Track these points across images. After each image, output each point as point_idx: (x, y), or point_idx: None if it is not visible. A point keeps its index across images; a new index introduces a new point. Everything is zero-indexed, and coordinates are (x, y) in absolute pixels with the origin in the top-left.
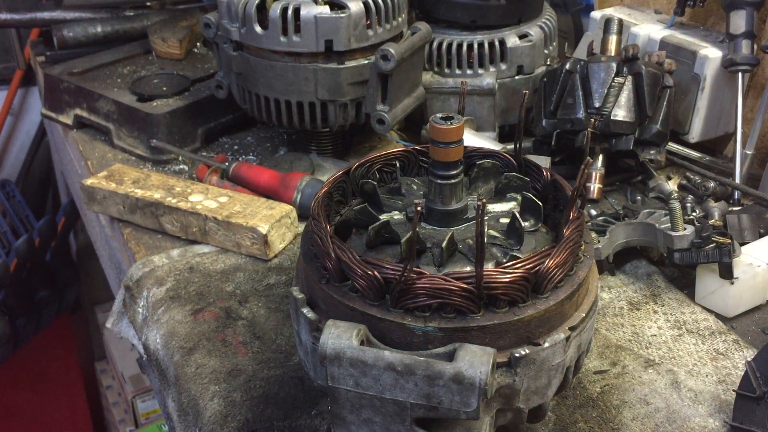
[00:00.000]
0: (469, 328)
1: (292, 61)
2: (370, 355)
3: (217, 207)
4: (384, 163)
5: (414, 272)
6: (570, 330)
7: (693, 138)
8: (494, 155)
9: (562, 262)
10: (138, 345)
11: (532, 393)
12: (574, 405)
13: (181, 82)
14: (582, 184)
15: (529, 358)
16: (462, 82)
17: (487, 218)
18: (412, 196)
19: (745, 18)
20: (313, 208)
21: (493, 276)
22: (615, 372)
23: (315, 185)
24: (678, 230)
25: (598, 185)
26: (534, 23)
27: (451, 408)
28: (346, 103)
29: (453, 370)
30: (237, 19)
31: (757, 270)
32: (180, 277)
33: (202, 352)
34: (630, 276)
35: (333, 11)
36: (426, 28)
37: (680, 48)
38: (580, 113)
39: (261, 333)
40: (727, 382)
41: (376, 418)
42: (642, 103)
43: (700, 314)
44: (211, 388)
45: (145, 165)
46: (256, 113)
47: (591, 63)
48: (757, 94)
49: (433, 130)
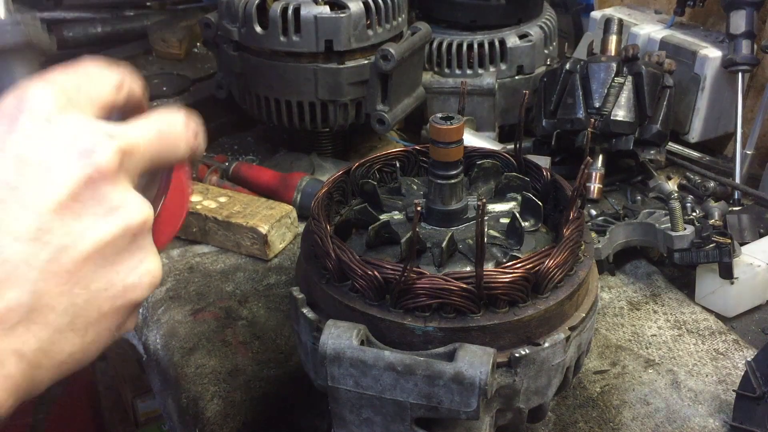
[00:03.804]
0: (469, 328)
1: (292, 61)
2: (370, 355)
3: (217, 207)
4: (384, 163)
5: (414, 272)
6: (570, 330)
7: (693, 138)
8: (494, 155)
9: (562, 262)
10: (138, 345)
11: (532, 393)
12: (574, 405)
13: (181, 82)
14: (582, 184)
15: (529, 358)
16: (462, 82)
17: (487, 218)
18: (412, 196)
19: (745, 18)
20: (313, 208)
21: (493, 276)
22: (615, 372)
23: (315, 185)
24: (678, 230)
25: (598, 185)
26: (534, 23)
27: (451, 408)
28: (346, 103)
29: (453, 370)
30: (237, 19)
31: (757, 270)
32: (180, 277)
33: (202, 352)
34: (630, 276)
35: (333, 11)
36: (426, 28)
37: (680, 48)
38: (580, 113)
39: (261, 333)
40: (727, 382)
41: (376, 418)
42: (642, 103)
43: (700, 314)
44: (211, 388)
45: None
46: (256, 113)
47: (591, 63)
48: (757, 94)
49: (433, 130)
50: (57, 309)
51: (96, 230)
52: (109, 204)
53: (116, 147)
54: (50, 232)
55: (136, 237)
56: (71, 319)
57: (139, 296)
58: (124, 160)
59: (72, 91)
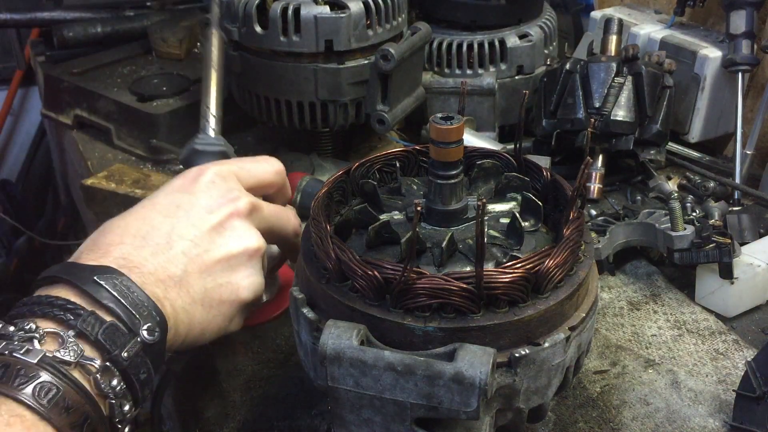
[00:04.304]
0: (469, 328)
1: (292, 61)
2: (370, 355)
3: None
4: (384, 163)
5: (414, 272)
6: (570, 330)
7: (693, 138)
8: (494, 155)
9: (562, 262)
10: None
11: (532, 393)
12: (574, 405)
13: (181, 82)
14: (582, 184)
15: (529, 358)
16: (462, 82)
17: (487, 218)
18: (412, 196)
19: (745, 18)
20: (313, 208)
21: (493, 276)
22: (615, 372)
23: (315, 185)
24: (678, 230)
25: (598, 185)
26: (534, 23)
27: (451, 408)
28: (346, 103)
29: (453, 370)
30: (237, 19)
31: (757, 270)
32: None
33: (201, 352)
34: (630, 276)
35: (333, 11)
36: (426, 28)
37: (680, 48)
38: (580, 113)
39: (261, 333)
40: (727, 382)
41: (376, 418)
42: (642, 103)
43: (700, 314)
44: (211, 388)
45: (145, 165)
46: (256, 113)
47: (591, 63)
48: (757, 94)
49: (433, 130)
50: (195, 287)
51: (228, 246)
52: (239, 233)
53: (250, 201)
54: (202, 240)
55: (251, 258)
56: (202, 296)
57: (245, 296)
58: (253, 210)
59: (236, 168)
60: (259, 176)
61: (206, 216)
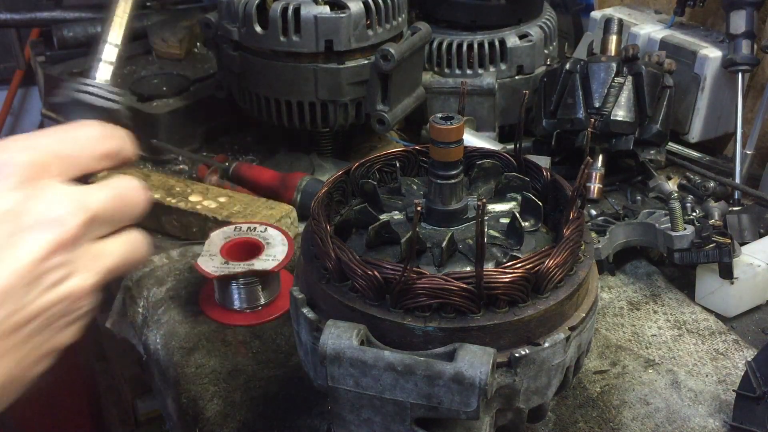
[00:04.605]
0: (469, 328)
1: (292, 61)
2: (370, 355)
3: (217, 207)
4: (384, 163)
5: (414, 272)
6: (570, 330)
7: (693, 138)
8: (494, 155)
9: (562, 262)
10: (138, 345)
11: (532, 393)
12: (574, 405)
13: (181, 82)
14: (582, 184)
15: (529, 358)
16: (462, 82)
17: (487, 218)
18: (412, 196)
19: (745, 18)
20: (313, 208)
21: (493, 276)
22: (615, 372)
23: (315, 185)
24: (678, 230)
25: (598, 185)
26: (534, 23)
27: (451, 408)
28: (346, 103)
29: (453, 370)
30: (237, 19)
31: (757, 270)
32: (180, 277)
33: (202, 352)
34: (630, 276)
35: (333, 11)
36: (426, 28)
37: (680, 48)
38: (580, 113)
39: (261, 333)
40: (727, 382)
41: (376, 418)
42: (642, 103)
43: (700, 314)
44: (211, 388)
45: (145, 165)
46: (256, 113)
47: (591, 63)
48: (757, 94)
49: (433, 130)
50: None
51: (44, 300)
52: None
53: (84, 219)
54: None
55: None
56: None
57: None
58: (87, 230)
59: (50, 158)
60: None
61: (12, 258)
